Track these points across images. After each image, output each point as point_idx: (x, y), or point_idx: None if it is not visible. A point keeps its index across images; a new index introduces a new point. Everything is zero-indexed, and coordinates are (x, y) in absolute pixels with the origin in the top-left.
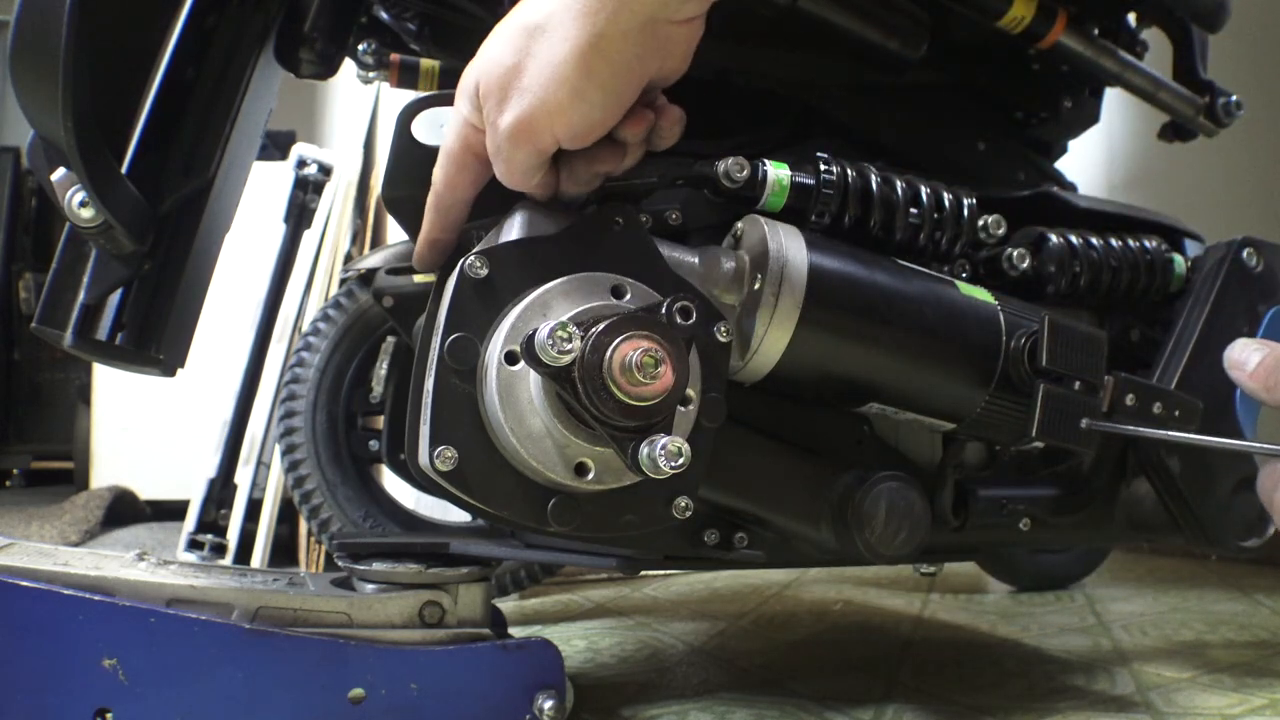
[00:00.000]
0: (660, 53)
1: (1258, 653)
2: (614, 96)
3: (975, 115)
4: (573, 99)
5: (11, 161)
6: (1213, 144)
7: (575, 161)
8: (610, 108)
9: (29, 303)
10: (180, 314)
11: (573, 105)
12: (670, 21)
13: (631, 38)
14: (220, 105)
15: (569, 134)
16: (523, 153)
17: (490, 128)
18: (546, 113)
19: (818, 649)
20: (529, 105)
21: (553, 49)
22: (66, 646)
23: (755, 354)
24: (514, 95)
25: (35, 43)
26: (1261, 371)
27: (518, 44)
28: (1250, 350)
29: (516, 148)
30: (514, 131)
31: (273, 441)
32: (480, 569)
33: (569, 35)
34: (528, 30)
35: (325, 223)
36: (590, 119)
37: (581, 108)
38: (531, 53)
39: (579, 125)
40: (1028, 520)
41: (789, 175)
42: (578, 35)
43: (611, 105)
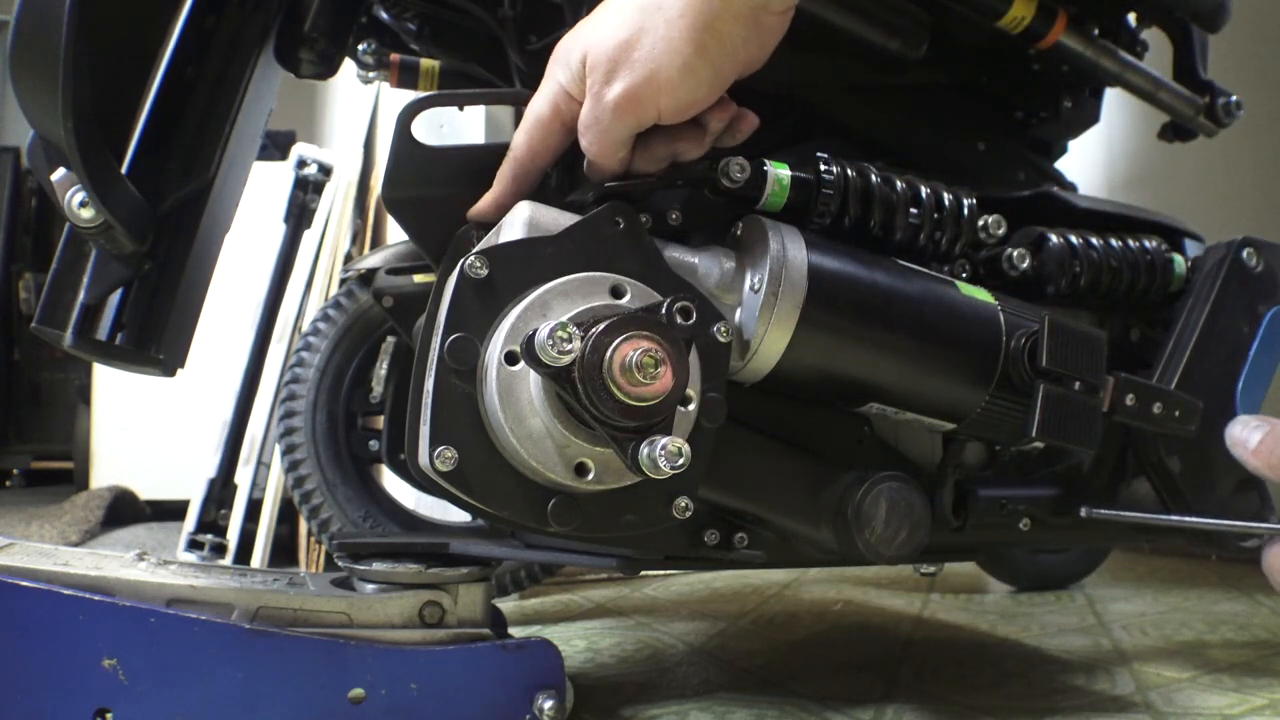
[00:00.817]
0: (759, 40)
1: (1258, 653)
2: (719, 76)
3: (975, 115)
4: (683, 74)
5: (11, 161)
6: (1213, 144)
7: (655, 141)
8: (714, 87)
9: (29, 303)
10: (180, 314)
11: (682, 80)
12: (772, 11)
13: (741, 20)
14: (220, 105)
15: (674, 108)
16: (624, 125)
17: (593, 98)
18: (656, 86)
19: (818, 649)
20: (640, 77)
21: (670, 24)
22: (66, 646)
23: (755, 354)
24: (624, 68)
25: (35, 43)
26: (1264, 450)
27: (632, 19)
28: (1251, 428)
29: (619, 119)
30: (621, 103)
31: (273, 441)
32: (480, 569)
33: (685, 13)
34: (643, 7)
35: (325, 223)
36: (695, 95)
37: (690, 83)
38: (646, 27)
39: (684, 100)
40: (1028, 520)
41: (789, 175)
42: (695, 13)
43: (715, 85)
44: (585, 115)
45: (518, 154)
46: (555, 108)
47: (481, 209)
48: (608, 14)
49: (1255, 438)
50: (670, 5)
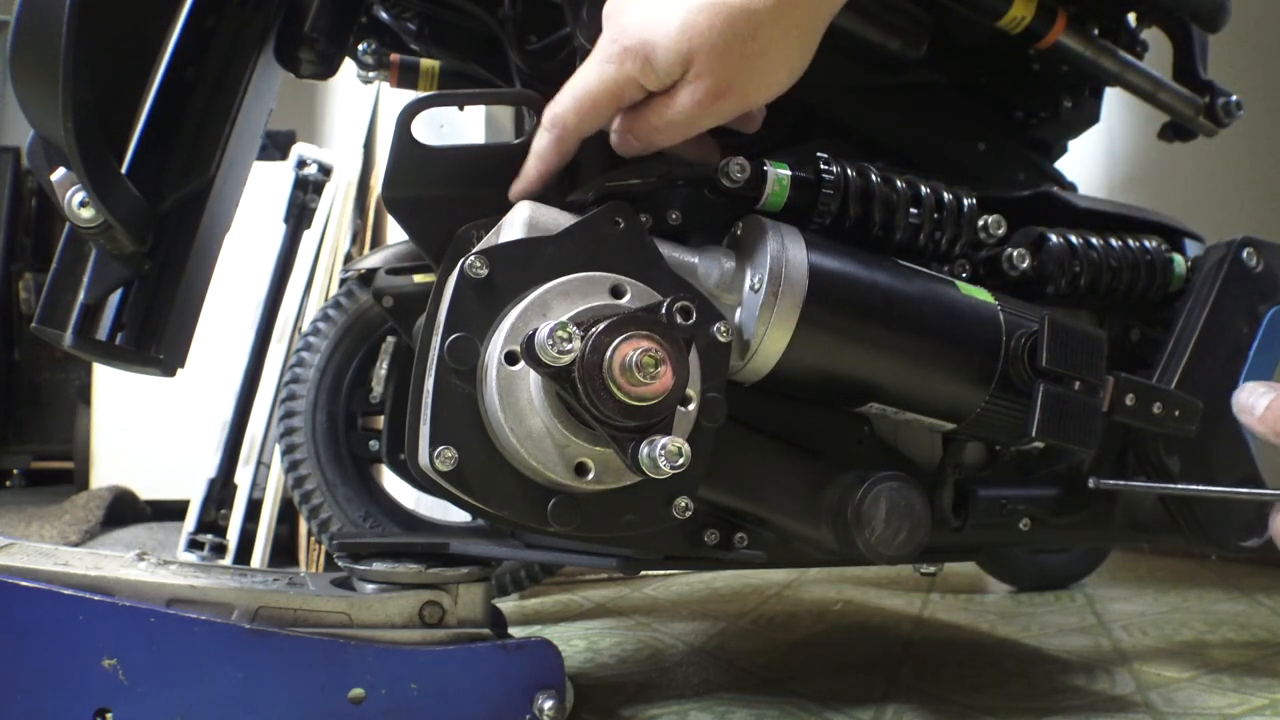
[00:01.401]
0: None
1: (1258, 653)
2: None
3: (975, 115)
4: (790, 75)
5: (11, 161)
6: (1213, 144)
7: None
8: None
9: (29, 303)
10: (180, 314)
11: (788, 78)
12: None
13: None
14: (220, 105)
15: (775, 94)
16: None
17: (696, 106)
18: (766, 89)
19: (818, 649)
20: (754, 87)
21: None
22: (66, 646)
23: (755, 354)
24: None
25: (35, 43)
26: (1270, 416)
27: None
28: (1258, 394)
29: (716, 120)
30: (728, 110)
31: (273, 441)
32: (480, 569)
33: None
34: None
35: (325, 223)
36: (794, 77)
37: (791, 78)
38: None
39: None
40: (1028, 520)
41: (789, 175)
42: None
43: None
44: (679, 116)
45: (568, 127)
46: (620, 96)
47: (528, 185)
48: (713, 17)
49: (1261, 404)
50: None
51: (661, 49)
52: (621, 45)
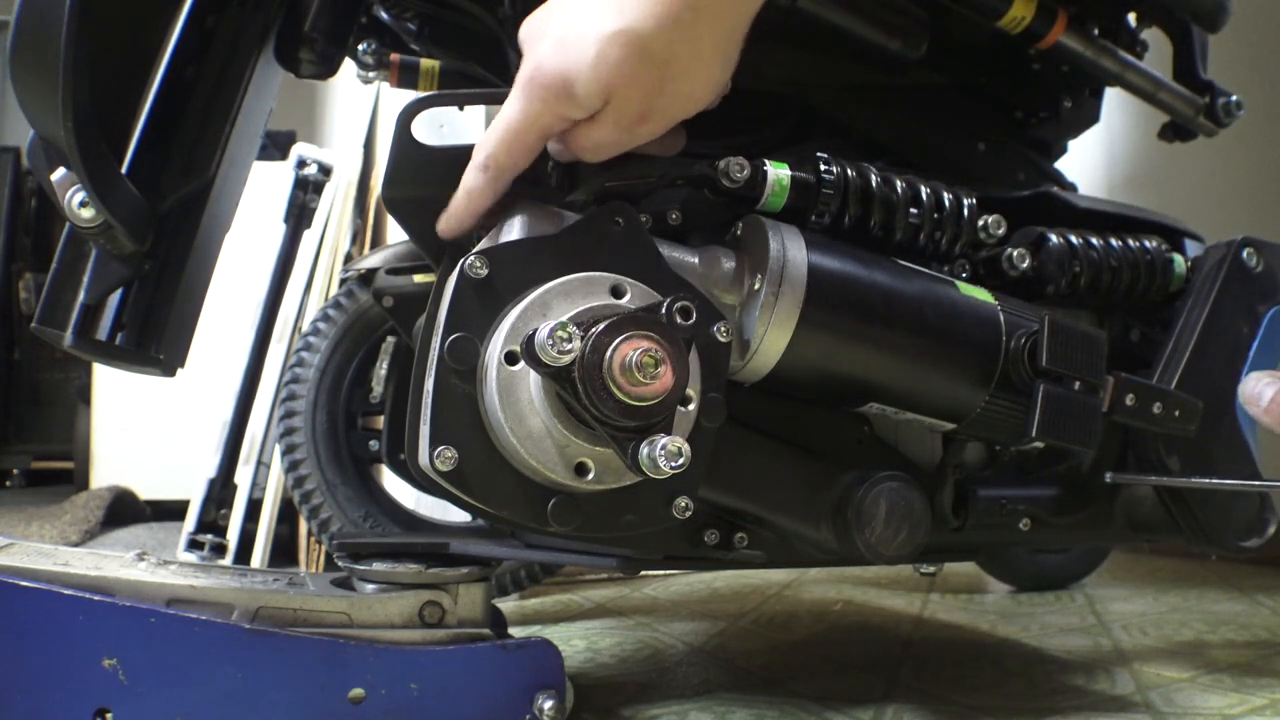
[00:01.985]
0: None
1: (1258, 653)
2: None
3: (975, 115)
4: (713, 88)
5: (11, 161)
6: (1213, 144)
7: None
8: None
9: (29, 303)
10: (180, 314)
11: (712, 92)
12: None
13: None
14: (220, 105)
15: (699, 109)
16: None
17: (623, 132)
18: (690, 106)
19: (818, 649)
20: (676, 107)
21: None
22: (66, 646)
23: (755, 354)
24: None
25: (35, 43)
26: (1276, 407)
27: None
28: (1264, 384)
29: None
30: (656, 129)
31: (273, 441)
32: (480, 569)
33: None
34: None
35: (325, 223)
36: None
37: (716, 90)
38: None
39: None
40: (1028, 520)
41: (789, 175)
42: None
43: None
44: (604, 141)
45: (500, 165)
46: (545, 130)
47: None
48: (623, 47)
49: (1268, 394)
50: (703, 37)
51: (580, 84)
52: (540, 83)
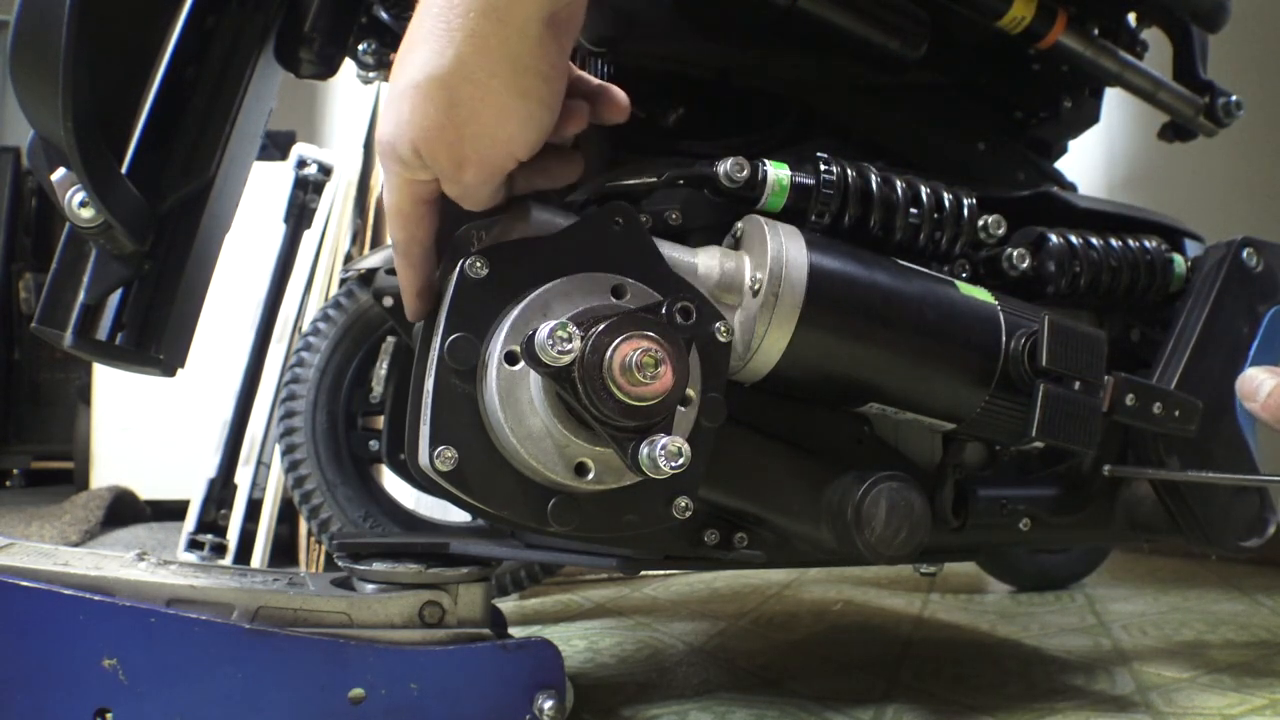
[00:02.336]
0: (569, 31)
1: (1258, 653)
2: (553, 96)
3: (975, 115)
4: (523, 123)
5: (11, 161)
6: (1213, 144)
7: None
8: (553, 107)
9: (29, 303)
10: (180, 314)
11: (524, 127)
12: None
13: (544, 44)
14: (220, 105)
15: (528, 150)
16: (490, 185)
17: (451, 183)
18: (503, 146)
19: (818, 649)
20: (486, 149)
21: (486, 91)
22: (66, 646)
23: (755, 354)
24: (465, 148)
25: (35, 43)
26: (1273, 402)
27: (442, 99)
28: (1261, 379)
29: (484, 184)
30: (477, 175)
31: (273, 441)
32: (480, 569)
33: (496, 72)
34: (444, 82)
35: (325, 223)
36: (542, 126)
37: (531, 125)
38: (461, 101)
39: (534, 138)
40: (1028, 520)
41: (789, 175)
42: (504, 69)
43: (553, 105)
44: (452, 190)
45: (402, 247)
46: (415, 198)
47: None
48: (410, 98)
49: (1265, 388)
50: (478, 71)
51: (398, 148)
52: (381, 153)
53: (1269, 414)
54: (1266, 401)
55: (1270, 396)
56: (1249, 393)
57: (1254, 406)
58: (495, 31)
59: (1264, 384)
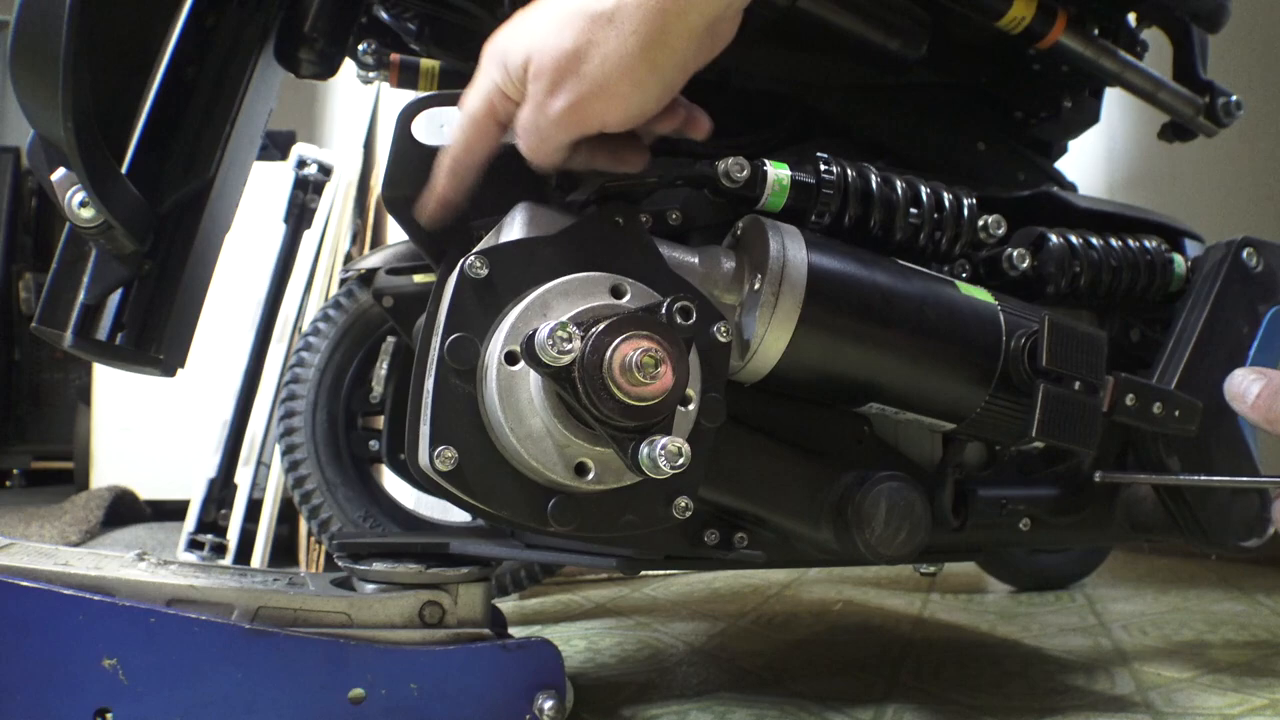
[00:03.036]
0: (710, 46)
1: (1258, 653)
2: (667, 88)
3: (975, 115)
4: (633, 89)
5: (11, 161)
6: (1213, 144)
7: (597, 146)
8: (662, 98)
9: (29, 303)
10: (180, 314)
11: (631, 95)
12: (726, 19)
13: (696, 34)
14: (220, 105)
15: (620, 121)
16: (565, 134)
17: (535, 106)
18: (604, 100)
19: (818, 649)
20: (587, 92)
21: (622, 41)
22: (66, 646)
23: (755, 354)
24: (571, 80)
25: (35, 43)
26: (1261, 403)
27: (581, 29)
28: (1249, 381)
29: (561, 129)
30: (565, 114)
31: (273, 441)
32: (480, 569)
33: (639, 29)
34: (593, 17)
35: (325, 223)
36: (644, 108)
37: (638, 97)
38: (595, 40)
39: (632, 114)
40: (1028, 520)
41: (789, 175)
42: (648, 29)
43: (663, 96)
44: (525, 119)
45: (455, 153)
46: (490, 106)
47: (428, 211)
48: (552, 19)
49: (1254, 390)
50: (624, 19)
51: (512, 52)
52: (489, 54)
53: (1259, 415)
54: (1255, 403)
55: (1259, 397)
56: (1237, 394)
57: (1243, 408)
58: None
59: (1251, 385)
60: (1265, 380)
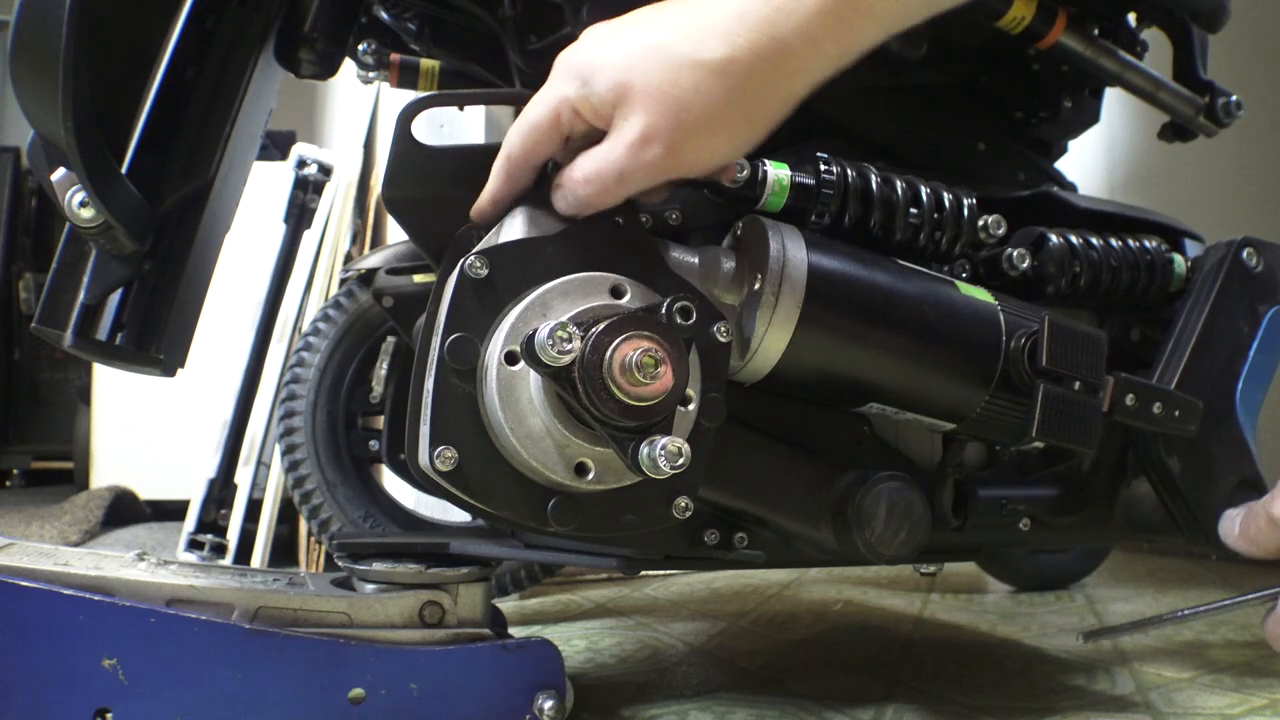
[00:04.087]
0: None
1: (1258, 653)
2: (756, 143)
3: (975, 115)
4: (727, 142)
5: (11, 161)
6: (1213, 144)
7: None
8: (746, 151)
9: (29, 303)
10: (180, 314)
11: (723, 148)
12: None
13: (797, 97)
14: (220, 105)
15: (704, 171)
16: (649, 181)
17: (627, 147)
18: (697, 152)
19: (818, 649)
20: (683, 141)
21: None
22: (66, 646)
23: (755, 354)
24: (673, 131)
25: (35, 43)
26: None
27: (689, 77)
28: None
29: (648, 175)
30: (659, 161)
31: (273, 441)
32: (480, 569)
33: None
34: (704, 67)
35: (325, 223)
36: (730, 160)
37: (728, 150)
38: (703, 90)
39: (718, 165)
40: (1028, 520)
41: (789, 175)
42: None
43: (749, 150)
44: (608, 158)
45: (512, 155)
46: (557, 120)
47: (480, 209)
48: (655, 56)
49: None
50: (735, 73)
51: (601, 74)
52: (568, 64)
53: (1245, 544)
54: (1241, 533)
55: (1242, 528)
56: (1226, 531)
57: (1238, 544)
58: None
59: (1235, 520)
60: (1244, 510)
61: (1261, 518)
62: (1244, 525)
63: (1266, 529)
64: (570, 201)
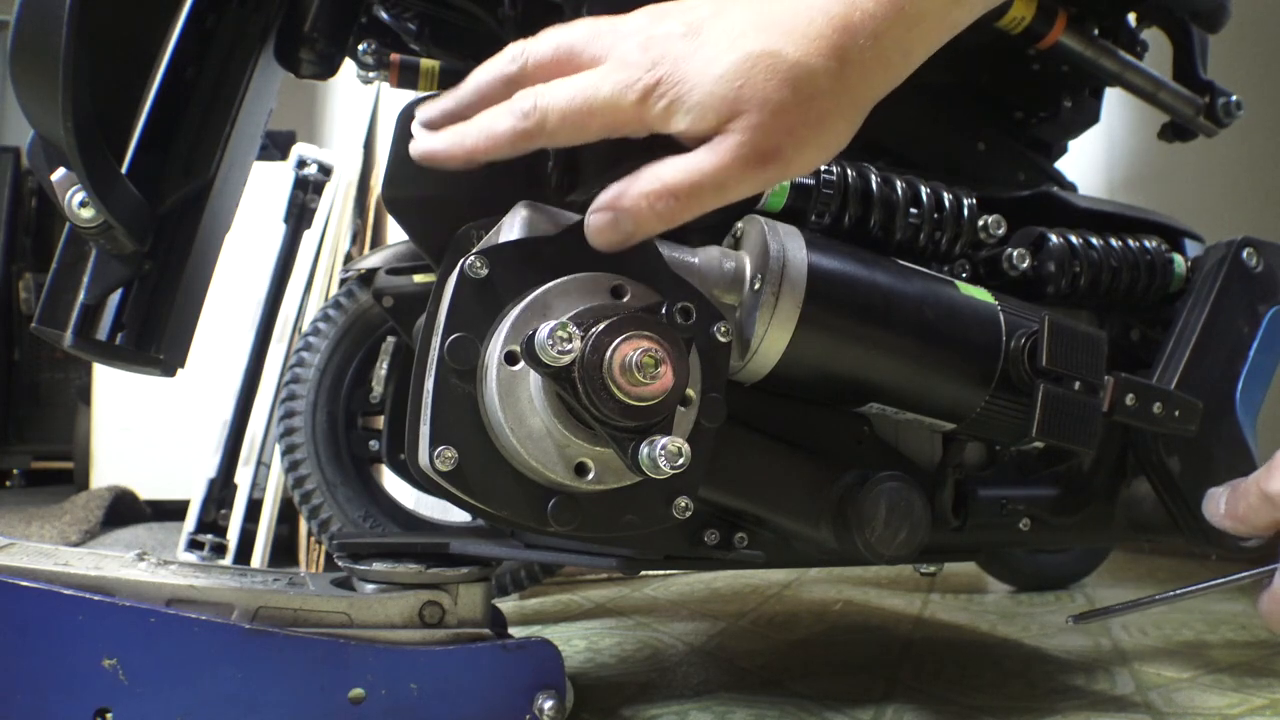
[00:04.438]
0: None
1: (1258, 653)
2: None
3: (975, 115)
4: (835, 149)
5: (11, 161)
6: (1213, 144)
7: None
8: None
9: (29, 303)
10: (180, 314)
11: (819, 157)
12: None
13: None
14: (220, 105)
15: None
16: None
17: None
18: (808, 163)
19: (818, 649)
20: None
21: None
22: (66, 646)
23: (755, 354)
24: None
25: (35, 43)
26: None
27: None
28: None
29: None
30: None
31: (273, 441)
32: (480, 569)
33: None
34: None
35: (325, 223)
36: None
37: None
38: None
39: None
40: (1028, 520)
41: None
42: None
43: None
44: (705, 174)
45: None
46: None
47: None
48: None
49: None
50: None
51: (700, 89)
52: (653, 58)
53: (1233, 522)
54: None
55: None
56: (1210, 510)
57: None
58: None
59: (1220, 498)
60: (1229, 488)
61: (1253, 494)
62: (1231, 503)
63: (1258, 505)
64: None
